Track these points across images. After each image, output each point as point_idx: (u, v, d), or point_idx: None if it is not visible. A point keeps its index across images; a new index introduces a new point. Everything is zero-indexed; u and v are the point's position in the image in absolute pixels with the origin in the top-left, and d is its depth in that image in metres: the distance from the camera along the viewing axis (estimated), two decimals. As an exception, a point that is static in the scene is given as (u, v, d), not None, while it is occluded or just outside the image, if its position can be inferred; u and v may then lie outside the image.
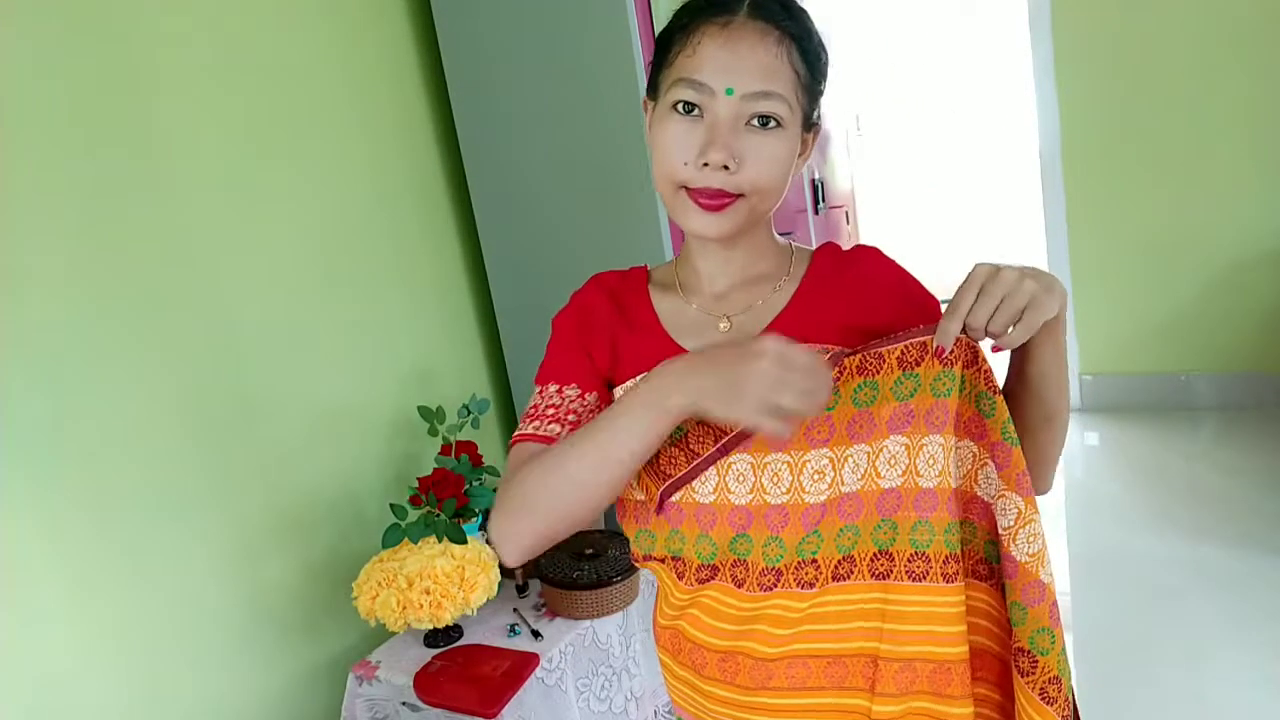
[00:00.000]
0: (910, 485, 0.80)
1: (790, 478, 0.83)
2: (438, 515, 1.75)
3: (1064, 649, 0.80)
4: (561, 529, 0.84)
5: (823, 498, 0.82)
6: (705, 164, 0.83)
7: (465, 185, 2.29)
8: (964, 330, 0.75)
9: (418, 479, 1.83)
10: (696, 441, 0.86)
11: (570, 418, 0.91)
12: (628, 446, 0.78)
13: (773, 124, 0.83)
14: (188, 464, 1.65)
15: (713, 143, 0.82)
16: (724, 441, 0.84)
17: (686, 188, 0.85)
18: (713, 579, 0.87)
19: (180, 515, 1.64)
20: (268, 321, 1.82)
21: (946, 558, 0.79)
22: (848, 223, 3.85)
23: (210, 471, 1.69)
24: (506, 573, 1.89)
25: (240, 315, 1.77)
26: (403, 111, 2.19)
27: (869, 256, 0.96)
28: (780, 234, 1.00)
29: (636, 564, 0.95)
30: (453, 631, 1.79)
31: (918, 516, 0.80)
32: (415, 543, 1.71)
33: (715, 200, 0.84)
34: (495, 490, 1.97)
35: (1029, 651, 0.79)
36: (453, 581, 1.67)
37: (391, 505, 1.75)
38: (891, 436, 0.80)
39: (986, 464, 0.80)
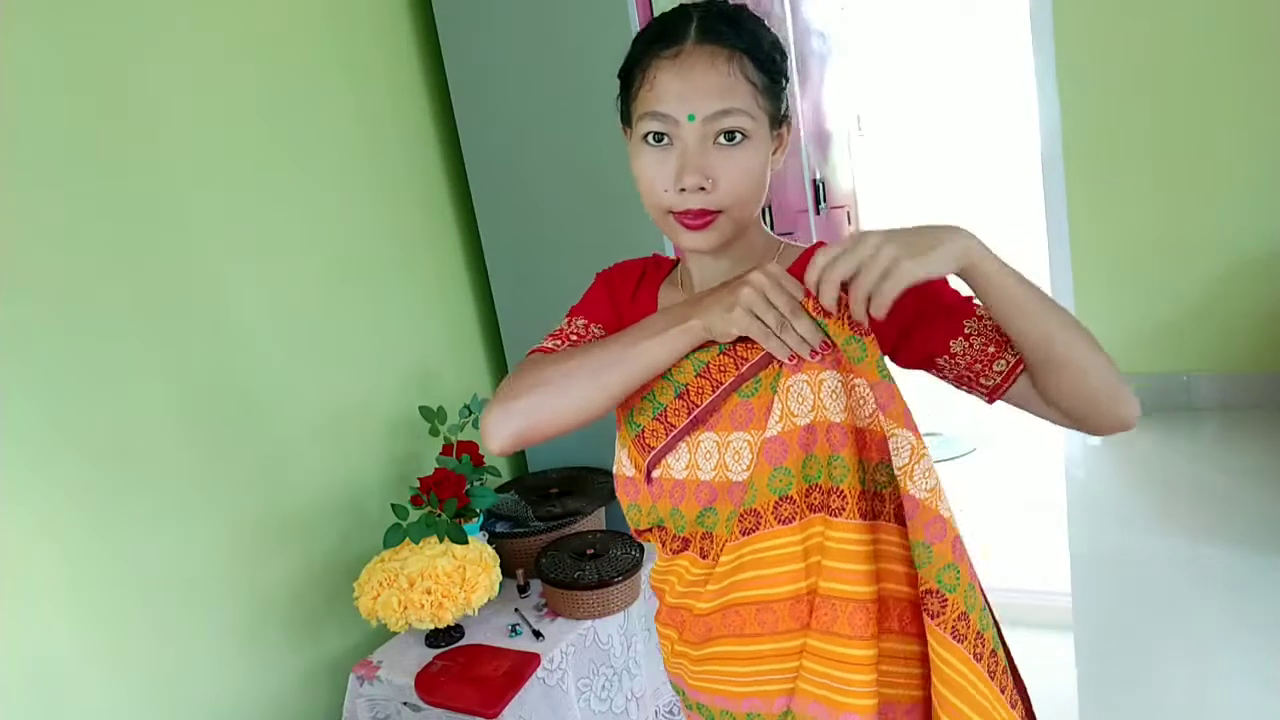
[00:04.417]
0: (820, 419, 0.82)
1: (750, 456, 0.87)
2: (439, 515, 1.75)
3: (972, 586, 0.79)
4: (554, 419, 0.90)
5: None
6: (683, 189, 0.87)
7: (466, 185, 2.29)
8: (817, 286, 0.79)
9: (419, 479, 1.83)
10: (674, 414, 0.92)
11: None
12: (647, 350, 0.87)
13: (739, 137, 0.87)
14: (189, 463, 1.66)
15: (685, 168, 0.87)
16: (695, 413, 0.90)
17: (671, 211, 0.90)
18: (684, 550, 0.94)
19: (181, 515, 1.64)
20: (269, 321, 1.82)
21: (861, 494, 0.80)
22: (849, 223, 3.83)
23: (211, 471, 1.69)
24: (508, 573, 1.90)
25: (242, 315, 1.77)
26: (404, 112, 2.19)
27: None
28: (781, 235, 1.03)
29: (636, 537, 1.02)
30: (454, 631, 1.80)
31: (831, 452, 0.81)
32: (416, 543, 1.71)
33: (698, 220, 0.89)
34: (489, 491, 1.96)
35: (937, 591, 0.78)
36: (454, 581, 1.67)
37: (393, 505, 1.75)
38: (794, 375, 0.83)
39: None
